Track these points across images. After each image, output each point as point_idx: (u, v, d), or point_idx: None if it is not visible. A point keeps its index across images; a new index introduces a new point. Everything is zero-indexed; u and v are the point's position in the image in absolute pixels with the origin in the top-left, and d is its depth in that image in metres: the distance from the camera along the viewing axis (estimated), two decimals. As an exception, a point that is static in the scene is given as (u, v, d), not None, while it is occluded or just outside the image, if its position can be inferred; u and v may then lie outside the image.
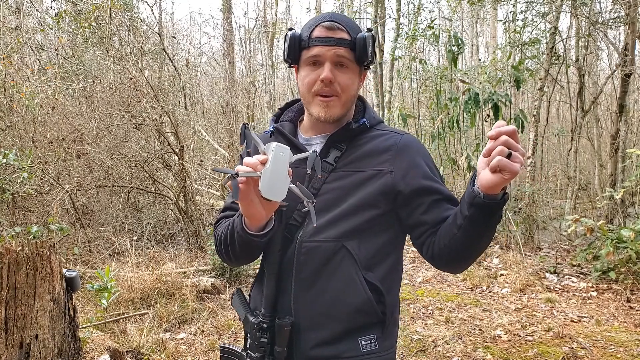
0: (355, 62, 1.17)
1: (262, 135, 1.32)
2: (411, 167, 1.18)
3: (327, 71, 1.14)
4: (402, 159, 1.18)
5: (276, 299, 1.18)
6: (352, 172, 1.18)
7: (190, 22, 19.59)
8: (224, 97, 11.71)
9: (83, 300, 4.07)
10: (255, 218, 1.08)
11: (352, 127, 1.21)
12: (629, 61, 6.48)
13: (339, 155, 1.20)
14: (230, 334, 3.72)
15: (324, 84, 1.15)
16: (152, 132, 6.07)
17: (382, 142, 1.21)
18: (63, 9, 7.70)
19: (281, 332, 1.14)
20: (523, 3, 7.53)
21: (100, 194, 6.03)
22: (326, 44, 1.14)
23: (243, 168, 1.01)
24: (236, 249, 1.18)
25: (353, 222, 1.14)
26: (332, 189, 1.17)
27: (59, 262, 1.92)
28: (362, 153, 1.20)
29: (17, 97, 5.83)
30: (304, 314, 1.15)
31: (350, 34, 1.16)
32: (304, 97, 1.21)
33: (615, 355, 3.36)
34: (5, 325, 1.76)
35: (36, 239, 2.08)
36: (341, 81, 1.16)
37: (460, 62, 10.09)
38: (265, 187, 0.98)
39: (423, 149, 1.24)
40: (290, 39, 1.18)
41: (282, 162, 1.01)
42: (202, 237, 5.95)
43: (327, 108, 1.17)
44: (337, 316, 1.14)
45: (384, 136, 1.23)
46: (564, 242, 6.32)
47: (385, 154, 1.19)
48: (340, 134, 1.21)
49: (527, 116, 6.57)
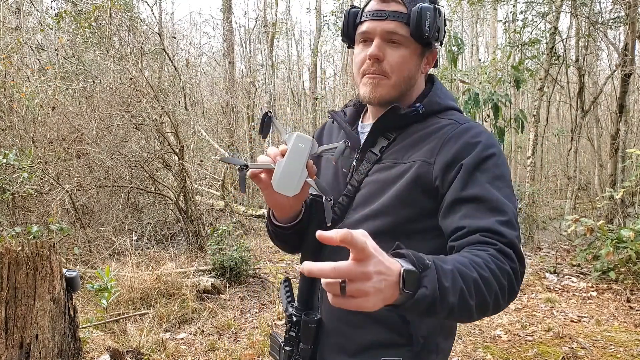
0: (411, 39, 1.01)
1: (327, 122, 1.23)
2: (456, 160, 0.96)
3: (373, 47, 1.00)
4: (448, 150, 0.97)
5: (309, 294, 1.11)
6: (393, 164, 1.02)
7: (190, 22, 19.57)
8: (224, 97, 11.71)
9: (83, 300, 4.07)
10: (280, 209, 1.02)
11: (400, 112, 1.04)
12: (628, 61, 6.49)
13: (385, 144, 1.06)
14: (230, 334, 3.72)
15: (371, 63, 1.02)
16: (152, 132, 6.07)
17: (435, 130, 1.02)
18: (63, 9, 7.70)
19: (307, 329, 1.07)
20: (523, 3, 7.54)
21: (101, 194, 6.03)
22: (377, 18, 1.01)
23: (262, 158, 0.94)
24: (273, 237, 1.14)
25: (389, 220, 1.00)
26: (371, 182, 1.04)
27: (59, 262, 1.92)
28: (410, 142, 1.03)
29: (17, 97, 5.83)
30: (329, 315, 1.07)
31: (407, 6, 1.00)
32: (355, 79, 1.09)
33: (615, 355, 3.36)
34: (6, 325, 1.76)
35: (36, 239, 2.08)
36: (392, 60, 1.01)
37: (460, 62, 10.10)
38: (277, 181, 0.92)
39: (485, 139, 0.98)
40: (345, 15, 1.08)
41: (300, 154, 0.93)
42: (202, 237, 5.95)
43: (372, 87, 1.03)
44: (359, 324, 1.03)
45: (442, 123, 1.03)
46: (564, 242, 6.32)
47: (431, 143, 1.00)
48: (387, 120, 1.05)
49: (527, 116, 6.57)
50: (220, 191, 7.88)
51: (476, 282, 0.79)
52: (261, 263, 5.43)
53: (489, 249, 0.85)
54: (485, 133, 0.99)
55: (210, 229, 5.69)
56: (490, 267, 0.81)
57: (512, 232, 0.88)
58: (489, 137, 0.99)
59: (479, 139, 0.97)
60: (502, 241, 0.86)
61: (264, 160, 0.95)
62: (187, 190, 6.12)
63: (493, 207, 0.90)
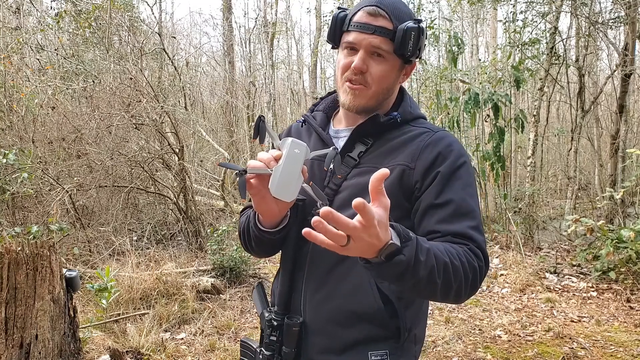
0: (394, 55, 1.06)
1: (294, 125, 1.26)
2: (433, 167, 1.05)
3: (358, 60, 1.05)
4: (427, 156, 1.05)
5: (289, 297, 1.13)
6: (372, 168, 1.04)
7: (190, 22, 19.61)
8: (224, 97, 11.71)
9: (83, 300, 4.07)
10: (268, 215, 1.05)
11: (380, 120, 1.10)
12: (629, 61, 6.48)
13: (363, 150, 1.11)
14: (230, 334, 3.72)
15: (354, 72, 1.07)
16: (152, 132, 6.07)
17: (411, 137, 1.09)
18: (63, 9, 7.70)
19: (290, 332, 1.09)
20: (523, 3, 7.53)
21: (100, 194, 6.03)
22: (364, 30, 1.05)
23: (254, 163, 0.96)
24: (252, 242, 1.15)
25: None
26: (351, 185, 1.08)
27: (59, 262, 1.92)
28: (388, 148, 1.09)
29: (17, 97, 5.83)
30: (313, 316, 1.09)
31: (394, 23, 1.05)
32: (336, 81, 1.14)
33: (615, 355, 3.36)
34: (5, 325, 1.76)
35: (36, 239, 2.08)
36: (374, 72, 1.07)
37: (460, 62, 10.09)
38: (275, 186, 0.93)
39: (457, 149, 1.08)
40: (333, 19, 1.12)
41: (296, 160, 0.94)
42: (202, 237, 5.95)
43: (353, 96, 1.09)
44: (346, 323, 1.06)
45: (416, 131, 1.11)
46: (564, 242, 6.32)
47: (410, 149, 1.07)
48: (367, 127, 1.11)
49: (527, 116, 6.57)
50: (220, 191, 7.88)
51: (446, 265, 0.89)
52: (261, 263, 5.43)
53: (463, 247, 0.96)
54: (457, 142, 1.10)
55: (210, 229, 5.69)
56: (461, 259, 0.93)
57: (480, 236, 1.00)
58: (460, 146, 1.10)
59: (452, 148, 1.07)
60: (473, 244, 0.98)
61: (256, 165, 0.96)
62: (187, 190, 6.12)
63: (464, 213, 1.01)
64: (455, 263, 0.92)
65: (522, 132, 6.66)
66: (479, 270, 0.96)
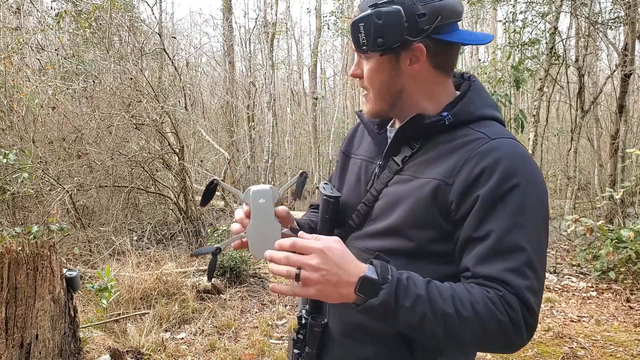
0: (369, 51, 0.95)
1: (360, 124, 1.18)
2: (474, 189, 0.86)
3: (352, 67, 1.01)
4: (469, 172, 0.87)
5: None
6: (411, 178, 0.94)
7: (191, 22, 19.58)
8: (224, 97, 11.73)
9: (83, 300, 4.08)
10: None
11: (424, 121, 0.95)
12: (628, 61, 6.49)
13: (408, 154, 0.98)
14: (230, 334, 3.72)
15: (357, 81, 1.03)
16: (152, 132, 6.07)
17: (461, 144, 0.91)
18: (63, 9, 7.71)
19: (312, 332, 1.05)
20: (523, 3, 7.53)
21: (101, 194, 6.04)
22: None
23: (234, 228, 1.00)
24: None
25: (403, 242, 0.93)
26: (389, 194, 0.97)
27: (59, 262, 1.93)
28: (434, 155, 0.93)
29: (17, 97, 5.84)
30: (334, 322, 1.05)
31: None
32: None
33: (615, 355, 3.36)
34: (6, 325, 1.77)
35: (36, 239, 2.09)
36: (365, 75, 0.99)
37: (460, 62, 10.10)
38: (251, 248, 0.93)
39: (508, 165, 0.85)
40: None
41: (264, 212, 0.93)
42: (203, 237, 5.96)
43: (364, 103, 1.03)
44: (357, 337, 1.01)
45: (471, 136, 0.91)
46: (563, 242, 6.32)
47: (454, 159, 0.89)
48: (410, 129, 0.97)
49: (527, 116, 6.58)
50: (220, 191, 7.88)
51: (446, 316, 0.79)
52: (261, 263, 5.44)
53: (490, 292, 0.82)
54: (510, 158, 0.86)
55: (210, 229, 5.69)
56: (475, 309, 0.79)
57: (521, 280, 0.81)
58: (514, 162, 0.86)
59: (500, 166, 0.85)
60: (509, 289, 0.81)
61: (235, 228, 1.00)
62: (187, 190, 6.13)
63: (505, 251, 0.83)
64: (464, 314, 0.79)
65: (522, 132, 6.66)
66: (511, 324, 0.80)
